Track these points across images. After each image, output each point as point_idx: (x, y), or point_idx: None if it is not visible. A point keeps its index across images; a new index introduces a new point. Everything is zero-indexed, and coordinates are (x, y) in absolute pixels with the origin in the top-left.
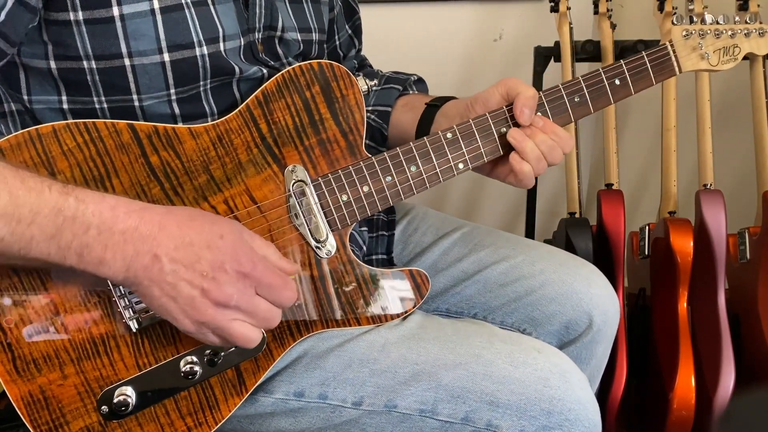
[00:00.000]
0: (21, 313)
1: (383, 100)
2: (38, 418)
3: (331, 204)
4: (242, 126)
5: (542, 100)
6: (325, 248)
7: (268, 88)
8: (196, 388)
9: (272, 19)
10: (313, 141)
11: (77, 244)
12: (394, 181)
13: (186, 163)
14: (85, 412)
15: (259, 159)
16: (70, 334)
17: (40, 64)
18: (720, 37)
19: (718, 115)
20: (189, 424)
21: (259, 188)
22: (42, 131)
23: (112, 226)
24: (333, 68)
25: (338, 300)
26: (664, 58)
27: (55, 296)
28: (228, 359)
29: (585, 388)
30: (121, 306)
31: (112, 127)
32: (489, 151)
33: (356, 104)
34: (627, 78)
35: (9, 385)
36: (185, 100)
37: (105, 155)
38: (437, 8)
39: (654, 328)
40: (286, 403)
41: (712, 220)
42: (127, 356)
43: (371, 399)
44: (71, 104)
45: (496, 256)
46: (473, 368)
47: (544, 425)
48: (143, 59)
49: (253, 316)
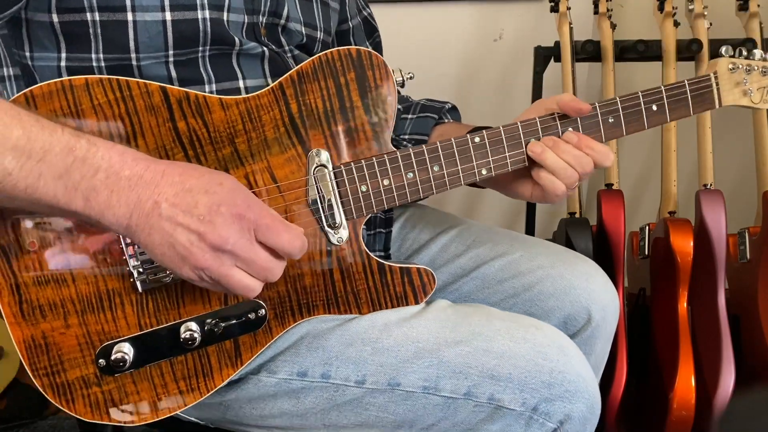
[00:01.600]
0: (33, 259)
1: (420, 128)
2: (37, 362)
3: (350, 193)
4: (273, 103)
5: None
6: (337, 235)
7: (304, 69)
8: (193, 354)
9: (277, 5)
10: (340, 128)
11: (85, 186)
12: (415, 179)
13: (212, 133)
14: (83, 363)
15: (285, 139)
16: (78, 287)
17: (42, 17)
18: (767, 74)
19: (718, 115)
20: (181, 388)
21: (281, 167)
22: (75, 83)
23: (119, 171)
24: (371, 57)
25: (344, 288)
26: (706, 89)
27: (68, 248)
28: (228, 331)
29: (583, 363)
30: (131, 265)
31: (144, 88)
32: (514, 161)
33: (389, 96)
34: (665, 104)
35: (13, 326)
36: (183, 63)
37: (134, 115)
38: (437, 8)
39: (654, 328)
40: (289, 383)
41: (712, 220)
42: (130, 314)
43: (374, 377)
44: (69, 62)
45: (494, 252)
46: (474, 344)
47: (545, 397)
48: (145, 15)
49: (252, 264)
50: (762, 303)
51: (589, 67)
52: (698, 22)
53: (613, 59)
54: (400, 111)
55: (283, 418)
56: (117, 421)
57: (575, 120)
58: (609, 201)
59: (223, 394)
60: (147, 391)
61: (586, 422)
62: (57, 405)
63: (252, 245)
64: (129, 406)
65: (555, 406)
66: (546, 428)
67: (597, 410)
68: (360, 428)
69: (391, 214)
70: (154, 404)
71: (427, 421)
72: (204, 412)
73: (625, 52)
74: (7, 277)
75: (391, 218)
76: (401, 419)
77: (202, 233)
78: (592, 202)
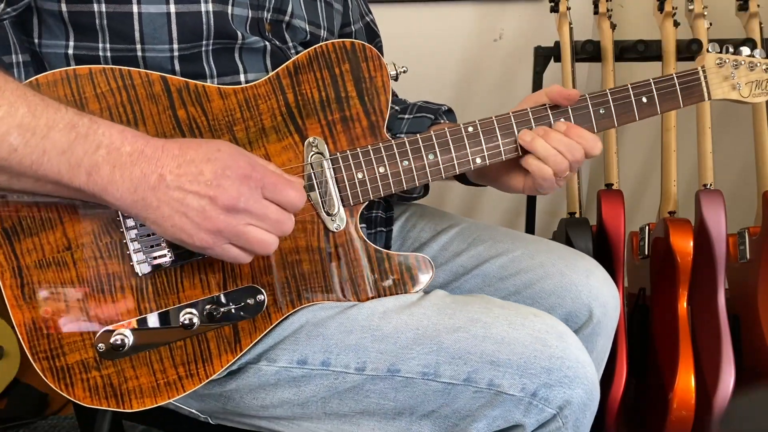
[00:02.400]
0: (34, 242)
1: (416, 128)
2: (37, 346)
3: (346, 179)
4: (270, 93)
5: (566, 107)
6: (335, 222)
7: (300, 60)
8: (192, 339)
9: (282, 2)
10: (336, 116)
11: (87, 162)
12: (411, 166)
13: (211, 121)
14: (83, 347)
15: (282, 127)
16: (79, 270)
17: (52, 6)
18: (754, 69)
19: (718, 115)
20: (180, 374)
21: (279, 155)
22: (79, 72)
23: (120, 147)
24: (365, 49)
25: (342, 274)
26: (694, 82)
27: (70, 231)
28: (227, 315)
29: (582, 349)
30: (132, 249)
31: (145, 77)
32: (508, 150)
33: (383, 87)
34: (654, 97)
35: (14, 309)
36: (186, 57)
37: (135, 103)
38: (437, 8)
39: (654, 328)
40: (290, 371)
41: (712, 220)
42: (130, 299)
43: (374, 364)
44: (77, 50)
45: (495, 250)
46: (473, 331)
47: (544, 382)
48: (150, 7)
49: (265, 219)
50: (762, 303)
51: (589, 67)
52: (698, 22)
53: (613, 59)
54: (396, 111)
55: (284, 407)
56: (115, 407)
57: (566, 110)
58: (609, 201)
59: (223, 384)
60: (146, 376)
61: (586, 408)
62: (56, 389)
63: (261, 201)
64: (128, 391)
65: (554, 391)
66: (545, 414)
67: (596, 396)
68: (361, 416)
69: (392, 213)
70: (153, 389)
71: (428, 407)
72: (205, 404)
73: (625, 52)
74: (9, 260)
75: (392, 217)
76: (402, 406)
77: (213, 197)
78: (592, 202)
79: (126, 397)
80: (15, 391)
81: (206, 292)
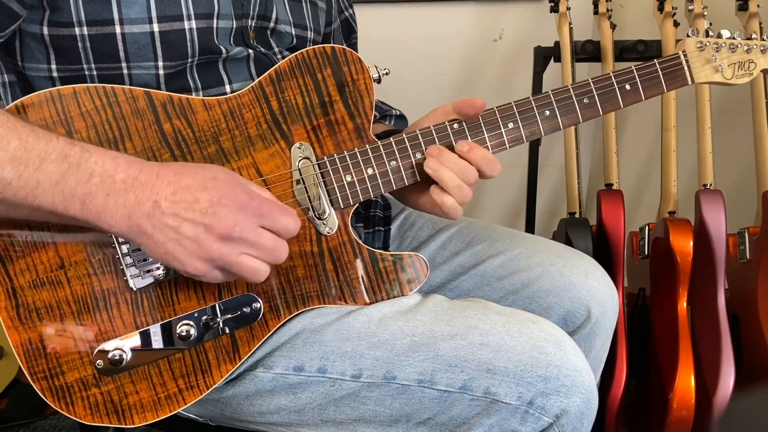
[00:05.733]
0: (27, 263)
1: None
2: (35, 366)
3: (335, 183)
4: (254, 101)
5: (551, 99)
6: (327, 225)
7: (281, 68)
8: (191, 351)
9: (266, 9)
10: (321, 121)
11: (81, 191)
12: (399, 166)
13: (197, 133)
14: (81, 364)
15: (268, 134)
16: (73, 288)
17: (34, 29)
18: (735, 51)
19: (718, 115)
20: (181, 386)
21: (266, 162)
22: (63, 92)
23: (114, 174)
24: (345, 53)
25: (337, 278)
26: (676, 67)
27: (62, 250)
28: (224, 325)
29: (580, 357)
30: (125, 264)
31: (129, 93)
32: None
33: (366, 89)
34: (638, 84)
35: (10, 330)
36: (172, 75)
37: (120, 119)
38: (437, 8)
39: (654, 328)
40: (286, 378)
41: (712, 220)
42: (126, 314)
43: (370, 371)
44: (60, 72)
45: (493, 249)
46: (470, 338)
47: (541, 391)
48: (133, 27)
49: (259, 248)
50: (762, 303)
51: (589, 67)
52: (698, 22)
53: (613, 59)
54: None
55: (281, 414)
56: (117, 423)
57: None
58: (609, 201)
59: (221, 391)
60: (146, 390)
61: (583, 417)
62: (57, 409)
63: (256, 229)
64: (128, 407)
65: (551, 400)
66: (542, 423)
67: (594, 405)
68: (357, 423)
69: (390, 213)
70: (153, 403)
71: (424, 414)
72: (203, 409)
73: (625, 52)
74: (3, 282)
75: (390, 216)
76: (398, 413)
77: (209, 225)
78: (592, 202)
79: (127, 412)
80: (15, 391)
81: (202, 303)
